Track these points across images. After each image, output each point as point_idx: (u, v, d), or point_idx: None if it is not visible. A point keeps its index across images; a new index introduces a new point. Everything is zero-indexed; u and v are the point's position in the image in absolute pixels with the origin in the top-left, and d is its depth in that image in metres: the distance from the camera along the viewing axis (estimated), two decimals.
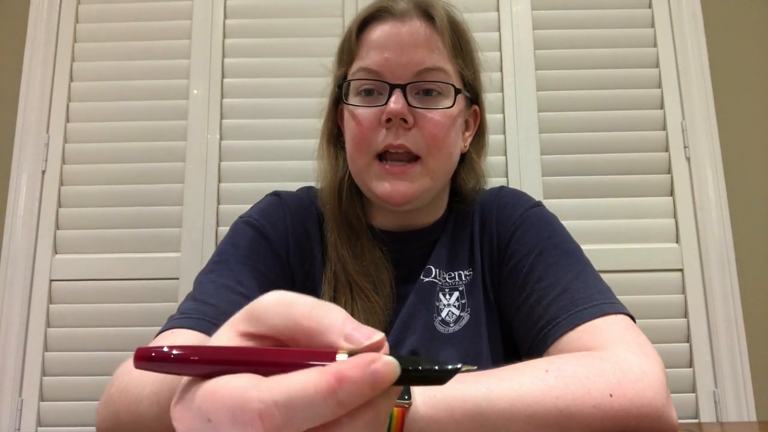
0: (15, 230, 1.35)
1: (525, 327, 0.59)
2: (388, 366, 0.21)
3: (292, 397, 0.20)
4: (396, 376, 0.21)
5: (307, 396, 0.20)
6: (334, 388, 0.20)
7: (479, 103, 0.72)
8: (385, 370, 0.20)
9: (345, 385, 0.20)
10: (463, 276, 0.67)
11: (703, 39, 1.41)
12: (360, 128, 0.63)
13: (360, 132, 0.63)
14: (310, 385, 0.20)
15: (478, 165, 0.73)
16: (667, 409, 0.45)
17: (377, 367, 0.20)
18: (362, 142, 0.63)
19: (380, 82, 0.63)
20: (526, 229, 0.65)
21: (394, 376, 0.21)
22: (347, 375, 0.20)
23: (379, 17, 0.66)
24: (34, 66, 1.42)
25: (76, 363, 1.29)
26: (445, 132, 0.63)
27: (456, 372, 0.23)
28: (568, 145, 1.37)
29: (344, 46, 0.69)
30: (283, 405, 0.20)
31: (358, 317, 0.62)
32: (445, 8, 0.68)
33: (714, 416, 1.24)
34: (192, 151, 1.38)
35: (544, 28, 1.42)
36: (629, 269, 1.30)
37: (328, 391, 0.20)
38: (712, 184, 1.34)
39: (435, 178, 0.64)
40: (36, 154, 1.39)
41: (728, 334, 1.27)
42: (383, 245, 0.68)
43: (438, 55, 0.64)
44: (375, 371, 0.20)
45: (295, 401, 0.20)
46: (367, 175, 0.64)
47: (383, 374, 0.20)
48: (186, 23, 1.45)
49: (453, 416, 0.41)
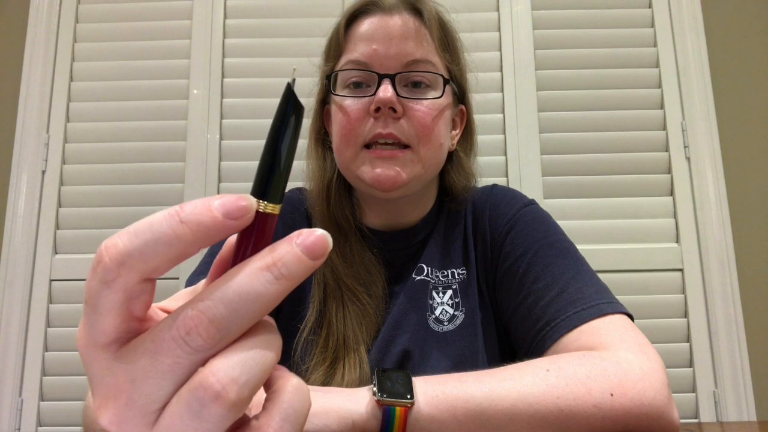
0: (15, 230, 1.35)
1: (523, 328, 0.59)
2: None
3: (138, 230, 0.20)
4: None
5: (155, 228, 0.20)
6: (177, 212, 0.20)
7: (466, 102, 0.72)
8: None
9: (185, 209, 0.20)
10: (457, 274, 0.67)
11: (703, 39, 1.41)
12: (347, 119, 0.62)
13: (347, 123, 0.62)
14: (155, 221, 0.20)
15: (467, 164, 0.72)
16: (669, 409, 0.45)
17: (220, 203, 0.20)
18: (350, 133, 0.62)
19: (369, 73, 0.62)
20: (520, 229, 0.65)
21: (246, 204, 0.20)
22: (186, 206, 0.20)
23: (367, 11, 0.65)
24: (34, 66, 1.42)
25: (76, 363, 1.29)
26: (435, 121, 0.63)
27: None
28: (568, 145, 1.37)
29: (332, 41, 0.68)
30: (137, 247, 0.19)
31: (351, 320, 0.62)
32: (433, 5, 0.68)
33: (714, 416, 1.24)
34: (192, 151, 1.38)
35: (544, 28, 1.42)
36: (629, 269, 1.30)
37: (170, 216, 0.20)
38: (712, 184, 1.34)
39: (425, 166, 0.63)
40: (36, 154, 1.39)
41: (728, 334, 1.27)
42: (373, 246, 0.67)
43: (426, 48, 0.64)
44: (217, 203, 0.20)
45: (143, 235, 0.19)
46: (355, 164, 0.63)
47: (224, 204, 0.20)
48: (186, 23, 1.45)
49: (455, 416, 0.41)
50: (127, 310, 0.20)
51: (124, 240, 0.19)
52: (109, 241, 0.20)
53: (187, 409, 0.19)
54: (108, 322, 0.20)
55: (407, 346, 0.62)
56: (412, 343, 0.62)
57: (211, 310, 0.19)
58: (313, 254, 0.20)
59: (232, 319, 0.19)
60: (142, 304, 0.21)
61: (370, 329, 0.63)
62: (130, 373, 0.19)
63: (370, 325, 0.63)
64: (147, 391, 0.19)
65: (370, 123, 0.62)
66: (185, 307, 0.20)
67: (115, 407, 0.20)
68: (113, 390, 0.20)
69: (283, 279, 0.20)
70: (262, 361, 0.20)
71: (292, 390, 0.21)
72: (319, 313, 0.63)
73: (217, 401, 0.19)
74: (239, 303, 0.19)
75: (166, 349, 0.19)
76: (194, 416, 0.19)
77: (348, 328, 0.61)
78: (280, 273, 0.20)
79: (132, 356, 0.20)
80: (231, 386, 0.19)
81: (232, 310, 0.19)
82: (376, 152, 0.61)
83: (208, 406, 0.19)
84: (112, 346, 0.20)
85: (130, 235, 0.19)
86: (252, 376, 0.20)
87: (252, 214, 0.21)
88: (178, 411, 0.19)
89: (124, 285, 0.19)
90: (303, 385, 0.22)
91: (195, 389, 0.19)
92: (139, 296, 0.20)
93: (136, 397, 0.19)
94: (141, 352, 0.20)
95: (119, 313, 0.20)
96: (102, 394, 0.20)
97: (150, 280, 0.20)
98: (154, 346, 0.19)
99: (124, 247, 0.19)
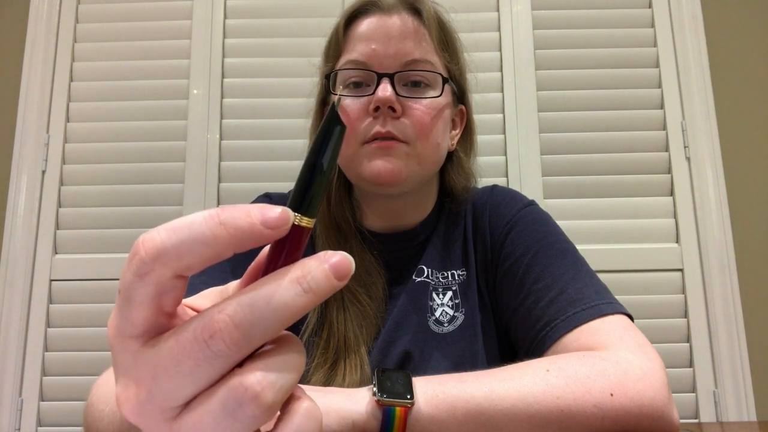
0: (15, 230, 1.35)
1: (523, 329, 0.59)
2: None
3: (177, 227, 0.20)
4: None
5: (193, 227, 0.20)
6: (217, 214, 0.20)
7: (465, 102, 0.72)
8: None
9: (225, 212, 0.20)
10: (457, 276, 0.67)
11: (703, 39, 1.41)
12: (347, 118, 0.62)
13: (347, 122, 0.62)
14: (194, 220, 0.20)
15: (467, 164, 0.73)
16: (669, 409, 0.45)
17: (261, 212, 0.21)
18: (349, 132, 0.62)
19: (368, 72, 0.63)
20: (520, 230, 0.65)
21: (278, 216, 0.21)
22: (226, 209, 0.20)
23: (366, 11, 0.66)
24: (34, 66, 1.42)
25: (76, 363, 1.29)
26: (433, 121, 0.63)
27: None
28: (568, 145, 1.37)
29: (331, 41, 0.69)
30: (173, 244, 0.20)
31: (351, 321, 0.62)
32: (432, 5, 0.68)
33: (714, 416, 1.24)
34: (192, 151, 1.38)
35: (544, 28, 1.42)
36: (629, 269, 1.30)
37: (210, 217, 0.20)
38: (712, 184, 1.34)
39: (422, 163, 0.64)
40: (36, 154, 1.38)
41: (728, 334, 1.27)
42: (373, 247, 0.67)
43: (425, 48, 0.64)
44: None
45: (182, 233, 0.20)
46: (356, 161, 0.63)
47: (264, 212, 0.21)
48: (186, 23, 1.45)
49: (455, 416, 0.41)
50: (158, 304, 0.21)
51: (162, 235, 0.20)
52: (147, 234, 0.20)
53: (222, 407, 0.19)
54: (138, 314, 0.20)
55: (408, 347, 0.62)
56: (413, 345, 0.62)
57: (238, 315, 0.20)
58: (338, 274, 0.21)
59: (258, 326, 0.20)
60: (172, 300, 0.21)
61: (370, 330, 0.63)
62: (152, 369, 0.20)
63: (370, 327, 0.63)
64: (167, 388, 0.20)
65: (370, 122, 0.62)
66: (212, 309, 0.20)
67: (136, 399, 0.20)
68: (135, 382, 0.20)
69: (311, 292, 0.20)
70: (295, 369, 0.21)
71: (304, 413, 0.22)
72: (319, 314, 0.63)
73: (254, 402, 0.19)
74: (267, 311, 0.20)
75: (188, 351, 0.19)
76: (228, 415, 0.19)
77: (349, 330, 0.61)
78: (309, 286, 0.20)
79: (156, 353, 0.20)
80: (269, 389, 0.20)
81: (258, 317, 0.20)
82: (375, 143, 0.62)
83: (245, 405, 0.19)
84: (140, 339, 0.21)
85: (168, 231, 0.20)
86: (287, 381, 0.20)
87: (288, 226, 0.21)
88: (210, 409, 0.20)
89: (157, 279, 0.20)
90: (316, 409, 0.22)
91: (234, 388, 0.19)
92: (170, 292, 0.21)
93: (156, 392, 0.20)
94: (165, 350, 0.20)
95: (150, 306, 0.20)
96: (125, 384, 0.21)
97: (182, 278, 0.21)
98: (178, 345, 0.20)
99: (161, 242, 0.20)
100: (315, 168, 0.22)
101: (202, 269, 0.20)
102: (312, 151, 0.23)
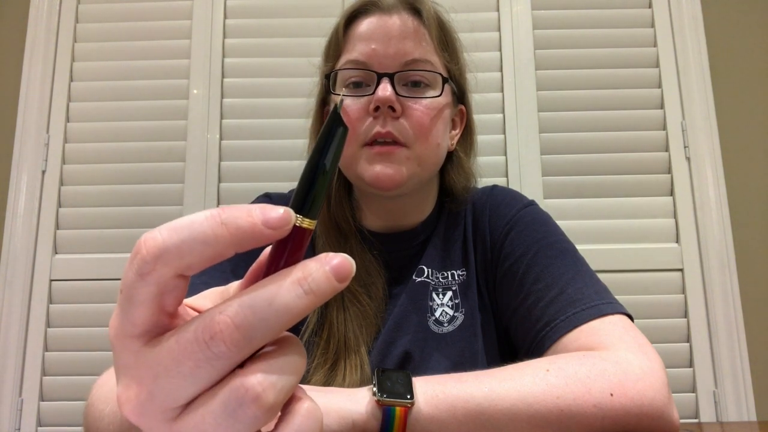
0: (15, 230, 1.35)
1: (523, 329, 0.59)
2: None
3: (178, 227, 0.20)
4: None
5: (194, 226, 0.20)
6: (219, 213, 0.20)
7: (465, 102, 0.72)
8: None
9: (226, 212, 0.20)
10: (457, 276, 0.67)
11: (703, 39, 1.41)
12: (347, 118, 0.62)
13: (347, 122, 0.63)
14: (195, 219, 0.20)
15: (467, 164, 0.73)
16: (669, 409, 0.45)
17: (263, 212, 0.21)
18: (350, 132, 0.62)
19: (368, 72, 0.63)
20: (520, 230, 0.65)
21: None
22: (227, 209, 0.21)
23: (366, 11, 0.66)
24: (34, 66, 1.42)
25: (76, 363, 1.29)
26: (432, 121, 0.63)
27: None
28: (568, 145, 1.37)
29: (331, 41, 0.69)
30: (174, 244, 0.20)
31: (351, 321, 0.62)
32: (432, 5, 0.68)
33: (714, 416, 1.24)
34: (192, 151, 1.38)
35: (544, 28, 1.42)
36: (629, 269, 1.30)
37: (211, 217, 0.20)
38: (712, 184, 1.34)
39: (422, 165, 0.64)
40: (36, 154, 1.38)
41: (728, 334, 1.27)
42: (373, 247, 0.67)
43: (425, 48, 0.64)
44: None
45: (183, 233, 0.20)
46: (356, 162, 0.63)
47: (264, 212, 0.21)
48: (186, 23, 1.45)
49: (455, 416, 0.41)
50: (159, 303, 0.21)
51: (163, 234, 0.20)
52: (148, 234, 0.20)
53: (223, 407, 0.19)
54: (139, 314, 0.20)
55: (408, 347, 0.62)
56: (413, 345, 0.62)
57: (239, 316, 0.20)
58: (339, 276, 0.21)
59: (259, 328, 0.20)
60: (173, 300, 0.21)
61: (370, 331, 0.63)
62: (153, 369, 0.20)
63: (370, 327, 0.63)
64: (168, 389, 0.20)
65: (370, 122, 0.62)
66: (213, 310, 0.20)
67: (136, 399, 0.20)
68: (136, 382, 0.20)
69: (312, 294, 0.20)
70: (296, 371, 0.21)
71: (305, 413, 0.22)
72: (319, 314, 0.63)
73: (255, 402, 0.19)
74: (268, 312, 0.20)
75: (188, 351, 0.19)
76: (229, 415, 0.19)
77: (349, 330, 0.61)
78: (310, 288, 0.20)
79: (157, 353, 0.20)
80: (270, 390, 0.20)
81: (259, 318, 0.20)
82: (375, 148, 0.62)
83: (246, 406, 0.19)
84: (142, 338, 0.21)
85: (169, 231, 0.20)
86: (288, 382, 0.20)
87: (289, 227, 0.21)
88: (211, 409, 0.20)
89: (158, 278, 0.20)
90: (316, 409, 0.22)
91: (235, 389, 0.19)
92: (172, 291, 0.21)
93: (157, 393, 0.20)
94: (166, 350, 0.20)
95: (151, 305, 0.20)
96: (126, 384, 0.21)
97: (183, 277, 0.21)
98: (178, 346, 0.20)
99: (163, 242, 0.20)
100: (317, 169, 0.22)
101: (203, 269, 0.20)
102: (314, 152, 0.23)
